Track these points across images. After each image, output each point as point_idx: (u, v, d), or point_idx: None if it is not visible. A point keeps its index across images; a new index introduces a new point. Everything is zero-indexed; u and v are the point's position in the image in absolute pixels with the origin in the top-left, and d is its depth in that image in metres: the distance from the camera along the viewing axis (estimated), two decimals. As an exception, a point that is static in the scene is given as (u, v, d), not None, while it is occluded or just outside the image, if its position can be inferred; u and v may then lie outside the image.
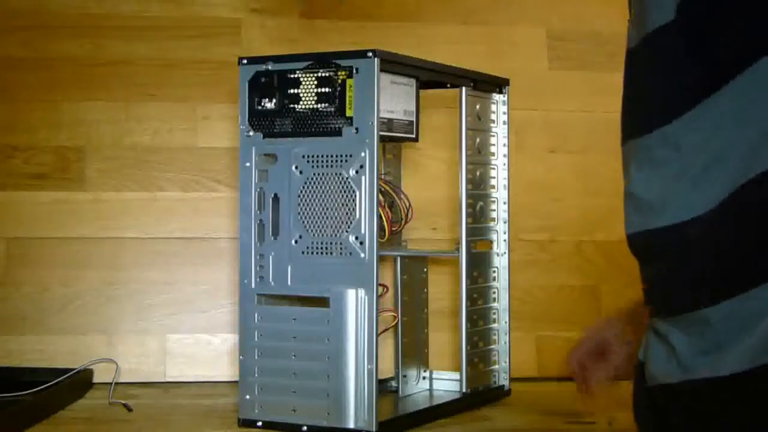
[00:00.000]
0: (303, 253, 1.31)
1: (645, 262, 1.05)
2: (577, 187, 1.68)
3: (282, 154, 1.32)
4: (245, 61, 1.34)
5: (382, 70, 1.28)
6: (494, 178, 1.49)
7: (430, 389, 1.52)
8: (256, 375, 1.33)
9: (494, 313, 1.50)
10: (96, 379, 1.56)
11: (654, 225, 1.02)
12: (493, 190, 1.49)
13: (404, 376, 1.49)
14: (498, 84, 1.50)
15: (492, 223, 1.49)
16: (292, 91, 1.31)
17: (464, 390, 1.43)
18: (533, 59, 1.66)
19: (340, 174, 1.28)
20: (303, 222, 1.31)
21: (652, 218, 1.02)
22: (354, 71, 1.27)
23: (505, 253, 1.50)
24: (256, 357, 1.33)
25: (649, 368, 1.03)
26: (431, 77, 1.40)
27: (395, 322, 1.47)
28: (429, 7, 1.70)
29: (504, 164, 1.50)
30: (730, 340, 0.95)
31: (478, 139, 1.46)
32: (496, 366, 1.50)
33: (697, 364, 0.98)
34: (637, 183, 1.05)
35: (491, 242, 1.49)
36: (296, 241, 1.31)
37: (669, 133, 1.01)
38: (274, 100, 1.32)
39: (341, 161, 1.28)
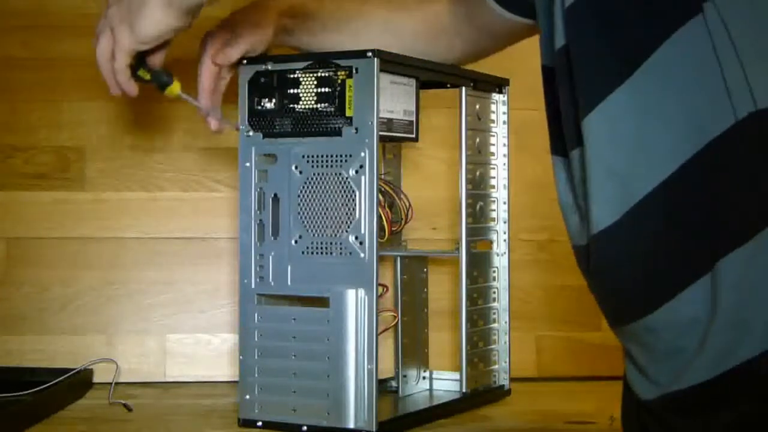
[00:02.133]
0: (303, 253, 1.31)
1: (586, 276, 1.06)
2: (577, 187, 1.67)
3: (282, 154, 1.32)
4: (245, 61, 1.34)
5: (381, 70, 1.28)
6: (494, 178, 1.49)
7: (430, 389, 1.52)
8: (256, 375, 1.33)
9: (494, 313, 1.49)
10: (96, 379, 1.56)
11: (578, 242, 1.03)
12: (493, 190, 1.49)
13: (404, 376, 1.49)
14: (498, 84, 1.50)
15: (492, 223, 1.49)
16: (291, 91, 1.31)
17: (464, 390, 1.43)
18: (534, 59, 1.66)
19: (340, 174, 1.28)
20: (303, 222, 1.31)
21: (579, 233, 1.03)
22: (354, 71, 1.27)
23: (505, 253, 1.50)
24: (256, 357, 1.33)
25: (630, 386, 1.04)
26: (431, 77, 1.39)
27: (395, 322, 1.47)
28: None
29: (504, 164, 1.50)
30: (678, 347, 0.95)
31: (478, 139, 1.46)
32: (496, 366, 1.50)
33: (660, 376, 0.98)
34: (563, 196, 1.06)
35: (491, 242, 1.49)
36: (296, 241, 1.31)
37: (574, 157, 1.02)
38: (273, 100, 1.32)
39: (341, 161, 1.28)
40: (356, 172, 1.27)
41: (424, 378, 1.52)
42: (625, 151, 0.95)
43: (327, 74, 1.29)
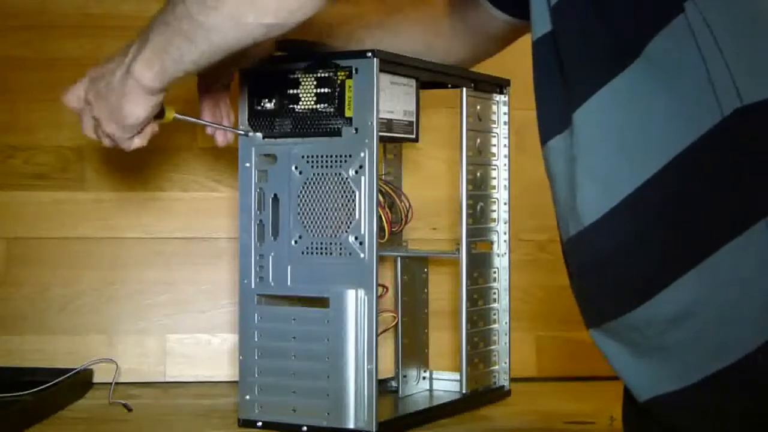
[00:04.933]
0: (303, 253, 1.31)
1: (571, 273, 1.06)
2: (577, 187, 1.67)
3: (281, 155, 1.32)
4: (244, 62, 1.34)
5: (381, 70, 1.28)
6: (495, 178, 1.49)
7: (430, 389, 1.52)
8: (256, 375, 1.33)
9: (494, 314, 1.49)
10: (96, 379, 1.56)
11: (568, 234, 1.03)
12: (493, 191, 1.49)
13: (404, 376, 1.49)
14: (499, 84, 1.50)
15: (492, 224, 1.49)
16: (291, 91, 1.31)
17: (464, 390, 1.43)
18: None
19: (340, 174, 1.28)
20: (303, 222, 1.31)
21: (567, 227, 1.03)
22: (353, 71, 1.27)
23: (505, 253, 1.50)
24: (256, 357, 1.33)
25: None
26: (431, 77, 1.39)
27: (395, 322, 1.47)
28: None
29: (504, 165, 1.50)
30: (663, 344, 0.95)
31: (478, 140, 1.46)
32: (496, 366, 1.50)
33: (645, 375, 0.98)
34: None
35: (491, 243, 1.49)
36: (296, 242, 1.31)
37: (554, 147, 1.03)
38: (273, 101, 1.32)
39: (341, 161, 1.28)
40: (356, 172, 1.27)
41: (424, 378, 1.52)
42: (612, 147, 0.96)
43: (327, 75, 1.29)
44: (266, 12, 1.05)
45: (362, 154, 1.27)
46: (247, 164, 1.34)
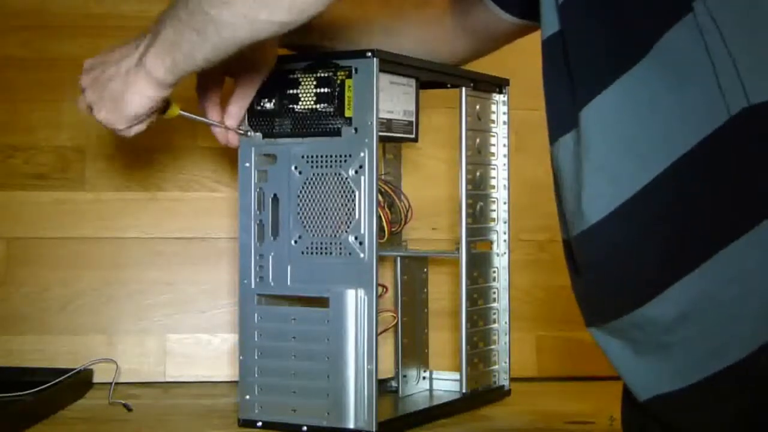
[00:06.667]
0: (303, 253, 1.31)
1: (573, 271, 1.06)
2: (577, 187, 1.67)
3: (281, 155, 1.32)
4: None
5: (381, 70, 1.28)
6: (494, 178, 1.49)
7: (430, 389, 1.52)
8: (256, 375, 1.33)
9: (494, 314, 1.49)
10: (96, 379, 1.56)
11: (572, 232, 1.03)
12: (493, 191, 1.49)
13: (404, 376, 1.49)
14: (498, 84, 1.50)
15: (492, 224, 1.49)
16: (291, 91, 1.31)
17: (464, 390, 1.43)
18: (534, 59, 1.66)
19: (340, 174, 1.28)
20: (302, 222, 1.31)
21: (573, 225, 1.03)
22: (353, 71, 1.27)
23: (505, 253, 1.50)
24: (256, 357, 1.33)
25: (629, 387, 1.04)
26: (431, 77, 1.39)
27: (395, 322, 1.47)
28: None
29: (504, 164, 1.50)
30: (666, 342, 0.95)
31: (478, 140, 1.46)
32: (496, 366, 1.50)
33: (648, 373, 0.98)
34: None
35: (491, 242, 1.49)
36: (296, 242, 1.31)
37: (562, 145, 1.03)
38: (273, 101, 1.32)
39: (340, 161, 1.28)
40: (356, 172, 1.27)
41: (424, 378, 1.52)
42: (619, 145, 0.96)
43: (326, 74, 1.29)
44: (278, 9, 1.06)
45: (362, 154, 1.27)
46: (247, 164, 1.34)
